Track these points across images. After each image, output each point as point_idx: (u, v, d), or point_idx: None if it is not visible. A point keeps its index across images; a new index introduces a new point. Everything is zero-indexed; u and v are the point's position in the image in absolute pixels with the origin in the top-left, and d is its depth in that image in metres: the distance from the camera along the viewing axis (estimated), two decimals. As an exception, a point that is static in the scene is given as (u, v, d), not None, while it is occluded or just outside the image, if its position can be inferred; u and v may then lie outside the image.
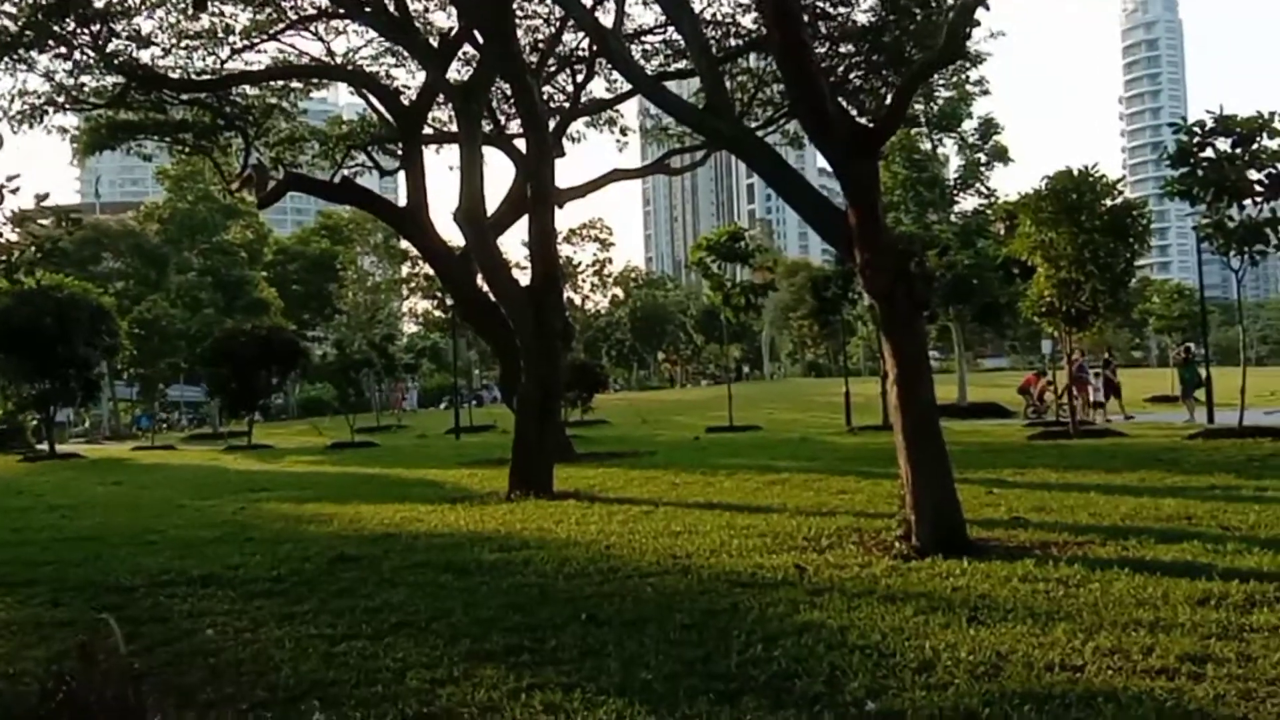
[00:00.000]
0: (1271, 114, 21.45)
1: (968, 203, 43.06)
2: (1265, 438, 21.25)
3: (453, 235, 28.74)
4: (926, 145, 41.71)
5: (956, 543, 9.91)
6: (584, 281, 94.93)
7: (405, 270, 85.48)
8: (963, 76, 38.55)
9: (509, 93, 26.62)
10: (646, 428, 40.67)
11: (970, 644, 6.64)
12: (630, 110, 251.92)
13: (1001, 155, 41.41)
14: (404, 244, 71.28)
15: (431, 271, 39.01)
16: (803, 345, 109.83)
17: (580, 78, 30.31)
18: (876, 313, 11.31)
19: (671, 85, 17.40)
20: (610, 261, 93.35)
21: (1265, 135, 21.45)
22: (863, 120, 22.62)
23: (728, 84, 28.55)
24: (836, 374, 65.98)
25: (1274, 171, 21.49)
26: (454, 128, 27.20)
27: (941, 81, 35.55)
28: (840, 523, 12.07)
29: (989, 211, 39.06)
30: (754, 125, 30.27)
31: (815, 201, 11.37)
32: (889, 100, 12.81)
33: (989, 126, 41.35)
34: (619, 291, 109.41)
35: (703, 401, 55.04)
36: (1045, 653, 6.42)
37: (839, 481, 16.81)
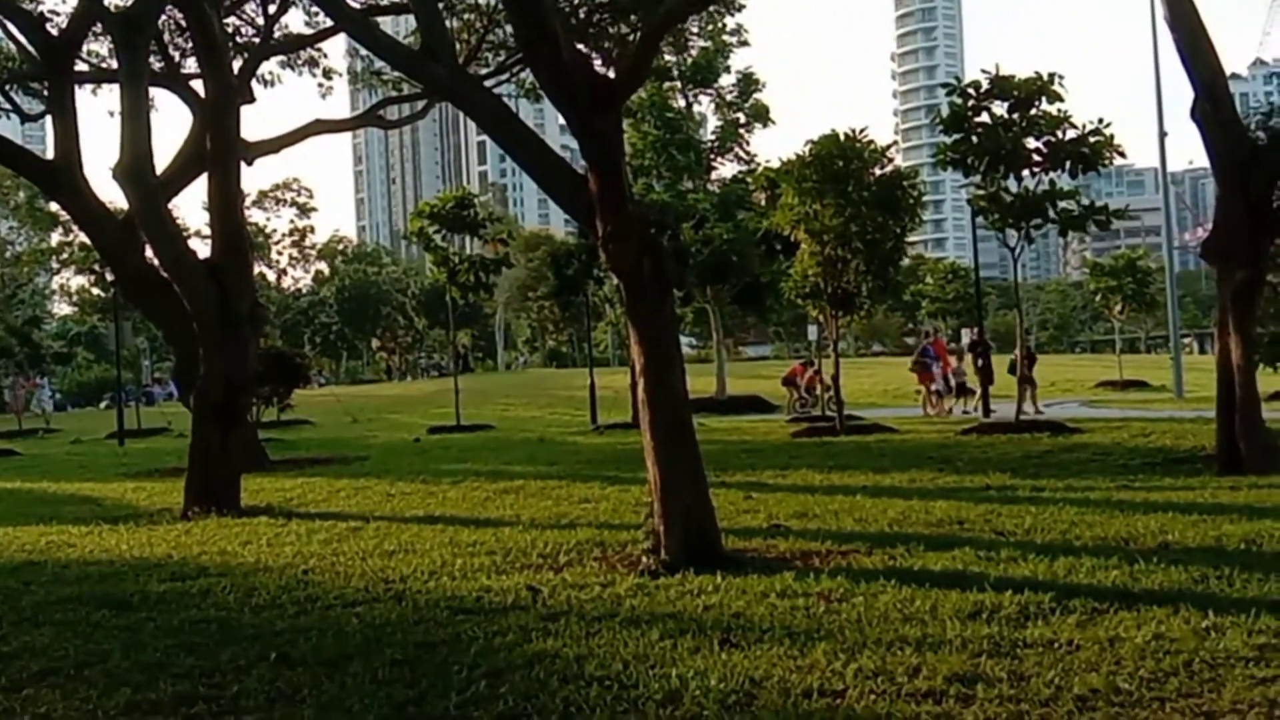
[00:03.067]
0: (1051, 75, 22.89)
1: (727, 169, 44.21)
2: (1043, 433, 22.76)
3: (114, 196, 27.41)
4: (680, 102, 42.59)
5: (710, 555, 10.17)
6: (280, 254, 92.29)
7: (56, 239, 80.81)
8: (719, 24, 39.61)
9: (183, 22, 25.57)
10: (358, 428, 40.00)
11: (722, 670, 6.82)
12: (336, 50, 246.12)
13: (763, 115, 42.68)
14: (53, 206, 67.50)
15: (88, 240, 37.08)
16: (543, 330, 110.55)
17: (273, 7, 29.43)
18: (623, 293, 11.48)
19: (385, 22, 17.14)
20: (312, 230, 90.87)
21: (1044, 99, 22.88)
22: (606, 70, 22.91)
23: (451, 22, 28.35)
24: (582, 364, 66.72)
25: (1053, 140, 22.98)
26: (114, 64, 25.90)
27: (695, 29, 36.41)
28: (581, 536, 12.19)
29: (749, 179, 40.21)
30: (484, 73, 30.18)
31: (551, 164, 11.43)
32: (634, 48, 13.05)
33: (749, 82, 42.55)
34: (324, 266, 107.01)
35: (425, 397, 54.55)
36: (803, 677, 6.66)
37: (581, 488, 16.99)
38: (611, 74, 11.75)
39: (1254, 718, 5.82)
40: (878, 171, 25.80)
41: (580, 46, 20.25)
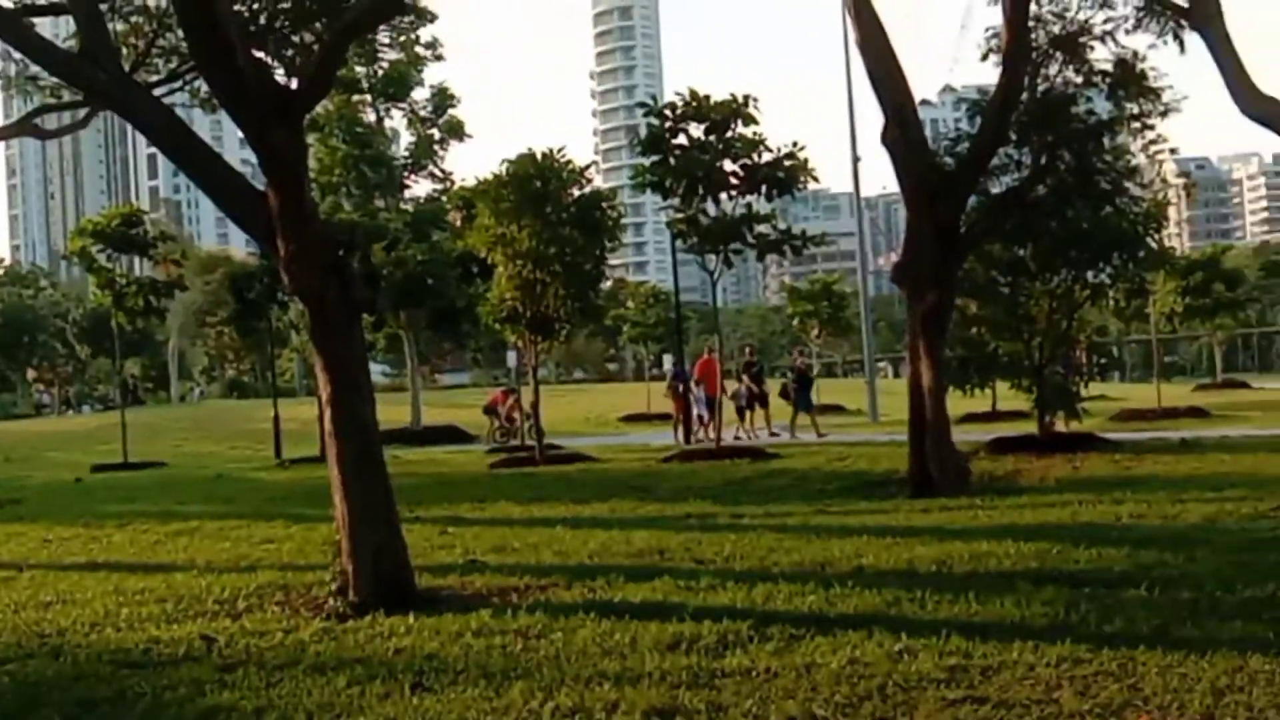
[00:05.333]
0: (746, 98, 23.77)
1: (421, 187, 43.95)
2: (744, 459, 23.48)
3: None
4: (371, 117, 42.13)
5: (402, 595, 10.06)
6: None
7: None
8: (411, 36, 39.39)
9: None
10: (10, 468, 37.76)
11: (413, 715, 6.77)
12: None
13: (458, 132, 42.64)
14: None
15: None
16: (222, 359, 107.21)
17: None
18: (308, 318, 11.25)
19: (44, 24, 16.35)
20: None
21: (740, 122, 23.73)
22: (288, 81, 22.35)
23: (116, 25, 27.22)
24: (265, 395, 64.95)
25: (749, 163, 23.84)
26: None
27: (387, 40, 36.04)
28: (262, 579, 11.88)
29: (445, 199, 40.10)
30: (153, 80, 29.07)
31: (225, 179, 11.12)
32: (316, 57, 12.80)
33: (443, 97, 42.45)
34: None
35: (88, 433, 51.99)
36: (499, 719, 6.66)
37: (264, 528, 16.55)
38: (293, 84, 11.49)
39: (944, 737, 6.15)
40: (576, 192, 26.11)
41: (259, 54, 19.77)
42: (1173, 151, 23.46)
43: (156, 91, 24.19)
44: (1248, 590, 9.17)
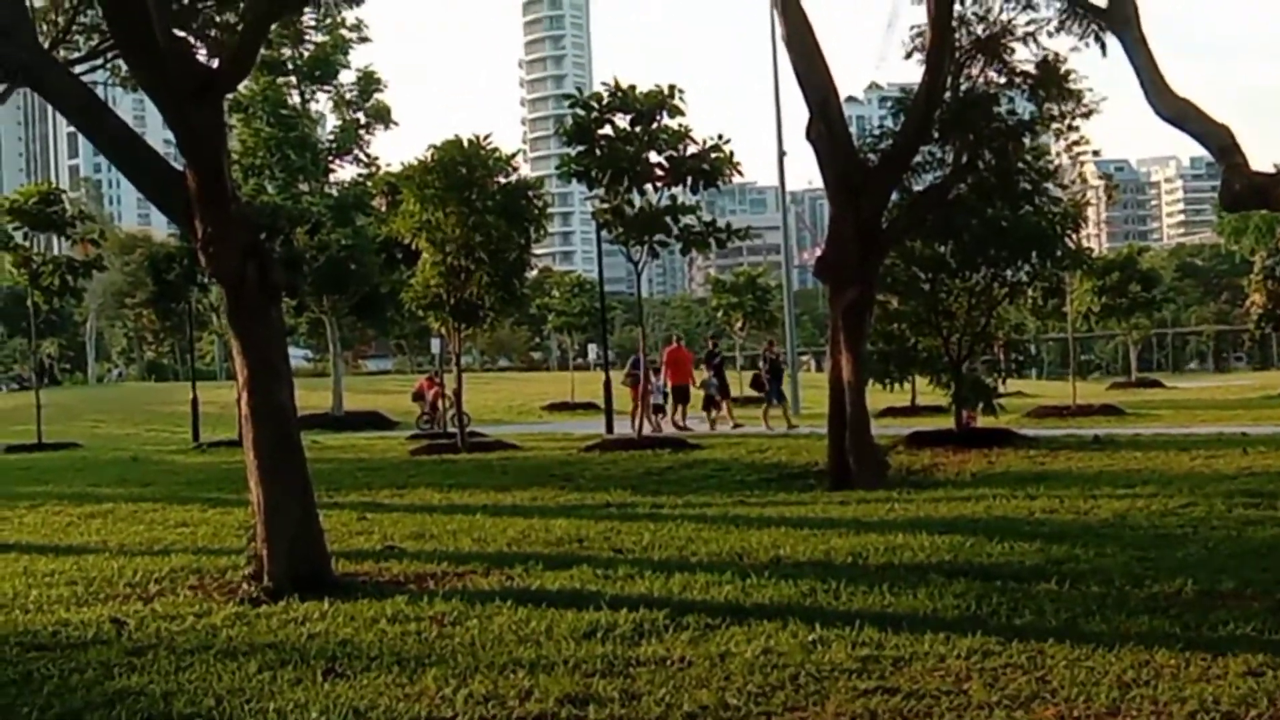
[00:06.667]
0: (672, 89, 23.79)
1: (346, 172, 43.52)
2: (665, 449, 23.53)
3: None
4: (296, 99, 41.64)
5: (318, 581, 9.99)
6: None
7: None
8: (337, 18, 38.98)
9: None
10: (-81, 449, 36.99)
11: (324, 701, 6.71)
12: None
13: (384, 116, 42.24)
14: None
15: None
16: (141, 341, 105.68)
17: None
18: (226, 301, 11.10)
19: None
20: None
21: (666, 113, 23.75)
22: (210, 61, 22.04)
23: (35, 0, 26.73)
24: (184, 377, 64.16)
25: (675, 155, 23.88)
26: None
27: (312, 22, 35.70)
28: (176, 562, 11.76)
29: (370, 184, 39.73)
30: (74, 57, 28.58)
31: (143, 159, 10.96)
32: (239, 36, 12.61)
33: (370, 81, 42.00)
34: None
35: (2, 413, 51.02)
36: (411, 705, 6.64)
37: (179, 511, 16.37)
38: (215, 64, 11.33)
39: (855, 727, 6.19)
40: (503, 180, 25.99)
41: (181, 33, 19.48)
42: (1095, 154, 23.78)
43: (77, 69, 23.83)
44: (1155, 586, 9.32)
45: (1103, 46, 18.51)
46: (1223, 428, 25.11)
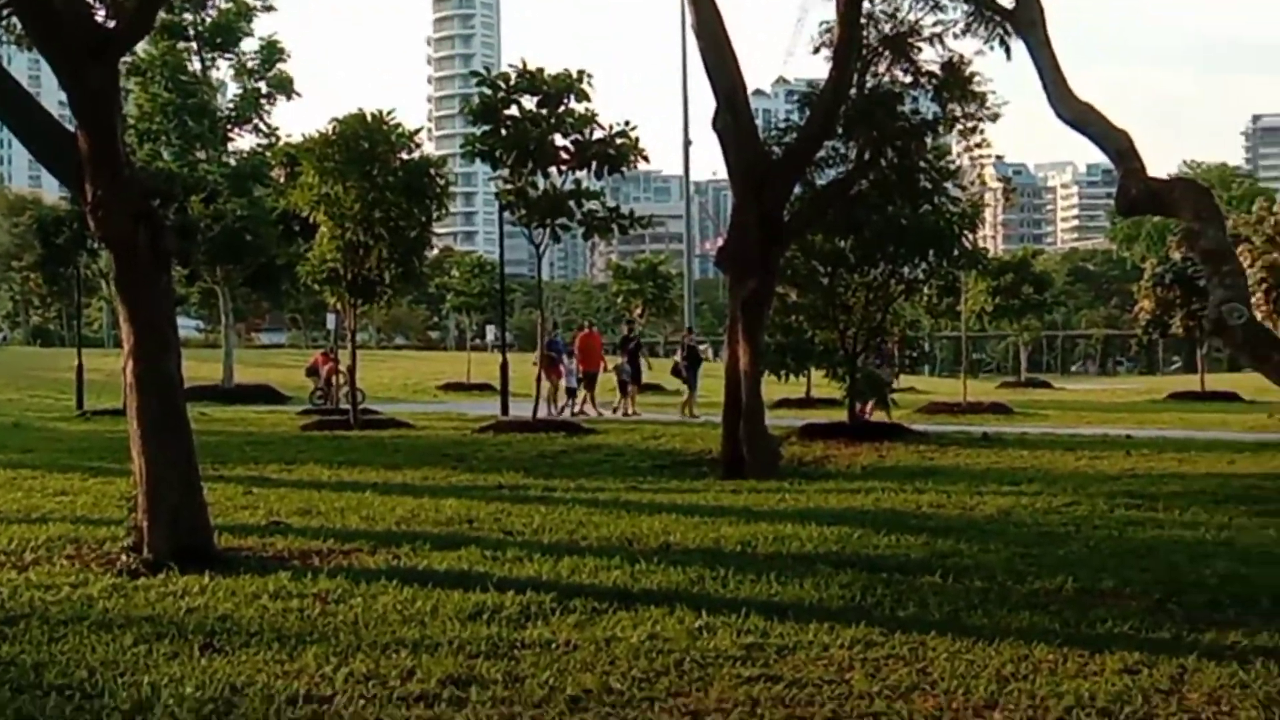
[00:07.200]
0: (580, 73, 23.73)
1: (245, 141, 42.81)
2: (559, 432, 23.51)
3: None
4: (196, 65, 40.87)
5: (199, 554, 9.82)
6: None
7: None
8: (242, -17, 38.39)
9: None
10: None
11: (200, 676, 6.58)
12: None
13: (286, 87, 41.57)
14: None
15: None
16: (27, 305, 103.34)
17: None
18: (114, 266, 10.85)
19: None
20: None
21: (573, 97, 23.68)
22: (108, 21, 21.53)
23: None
24: (71, 343, 62.74)
25: (580, 139, 23.81)
26: None
27: (216, -14, 35.07)
28: (53, 531, 11.51)
29: (269, 154, 39.10)
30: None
31: (34, 117, 10.69)
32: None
33: (272, 50, 41.31)
34: None
35: (-122, 375, 49.68)
36: (290, 682, 6.54)
37: (59, 479, 16.05)
38: (112, 24, 11.05)
39: (737, 715, 6.20)
40: (405, 157, 25.77)
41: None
42: (999, 158, 24.13)
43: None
44: (1037, 582, 9.46)
45: (1007, 50, 18.79)
46: (1108, 429, 25.65)
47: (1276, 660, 7.04)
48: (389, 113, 25.37)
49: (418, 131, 26.49)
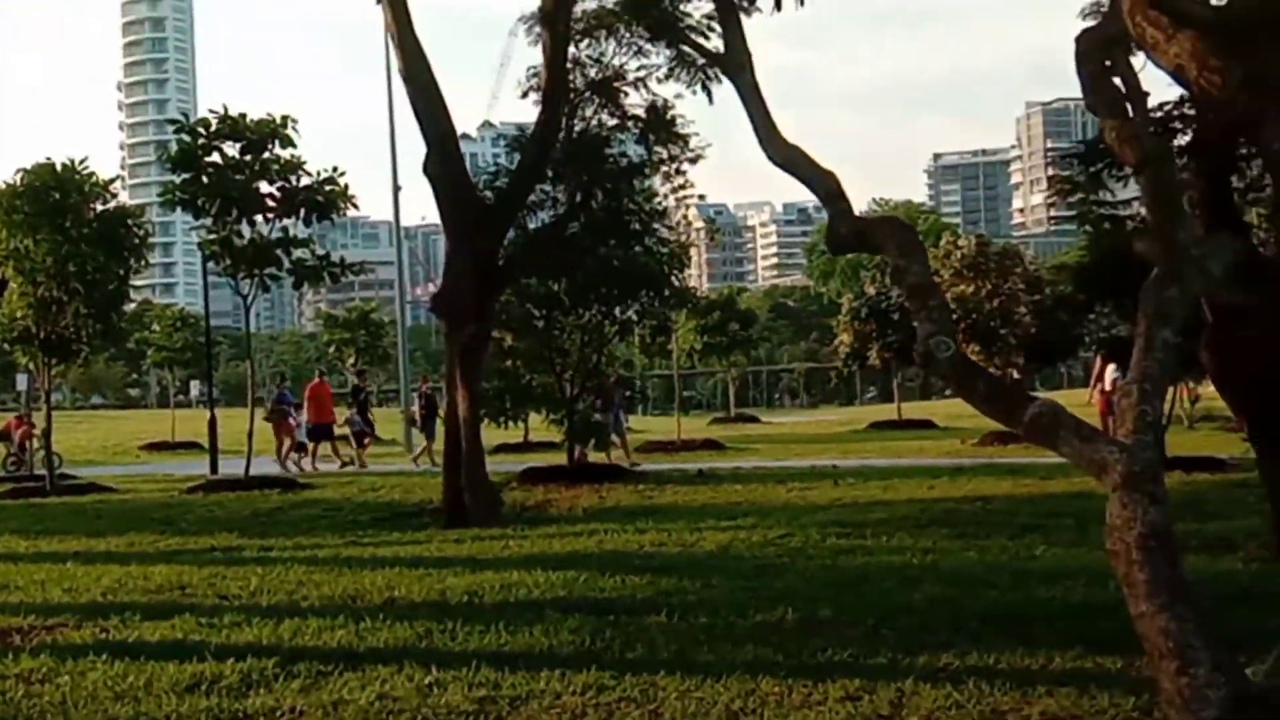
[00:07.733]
0: (285, 118, 23.25)
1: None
2: (274, 489, 22.82)
3: None
4: None
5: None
6: None
7: None
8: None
9: None
10: None
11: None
12: None
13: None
14: None
15: None
16: None
17: None
18: None
19: None
20: None
21: (277, 143, 23.17)
22: None
23: None
24: None
25: (286, 185, 23.30)
26: None
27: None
28: None
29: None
30: None
31: None
32: None
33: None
34: None
35: None
36: (-6, 775, 6.13)
37: None
38: None
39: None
40: (99, 207, 24.77)
41: None
42: (701, 198, 24.78)
43: None
44: (759, 615, 9.68)
45: (709, 94, 19.35)
46: (815, 460, 26.52)
47: (988, 679, 7.38)
48: (81, 162, 24.35)
49: (112, 181, 25.48)
